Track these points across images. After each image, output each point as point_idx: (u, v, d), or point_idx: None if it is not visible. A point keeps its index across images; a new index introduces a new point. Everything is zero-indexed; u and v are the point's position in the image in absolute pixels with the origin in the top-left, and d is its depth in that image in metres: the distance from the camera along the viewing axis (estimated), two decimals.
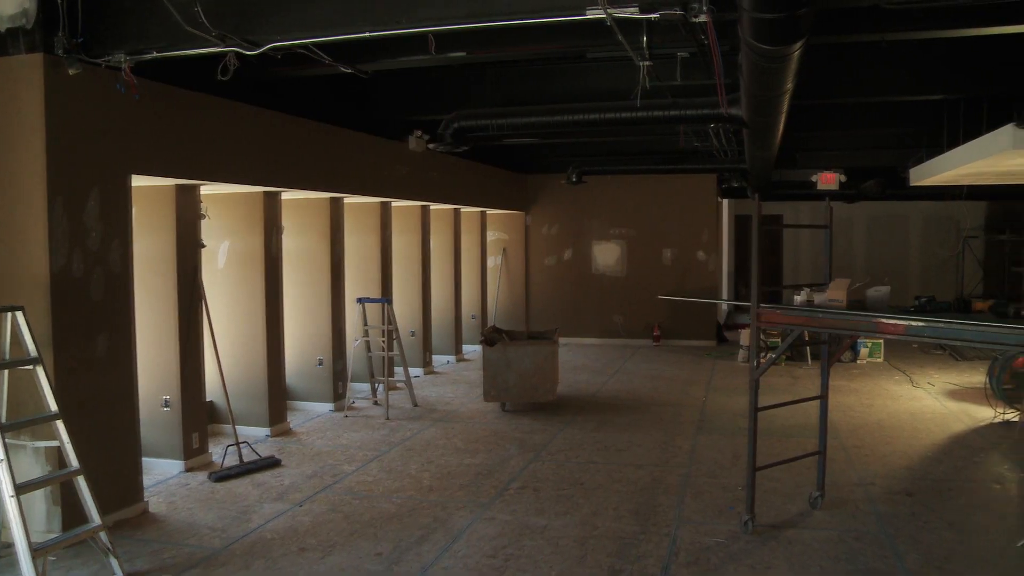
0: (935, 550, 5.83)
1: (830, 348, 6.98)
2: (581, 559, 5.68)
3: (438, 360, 13.94)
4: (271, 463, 7.93)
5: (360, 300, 10.79)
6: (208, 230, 8.36)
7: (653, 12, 5.22)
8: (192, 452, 7.79)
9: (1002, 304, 5.50)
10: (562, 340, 11.88)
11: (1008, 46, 7.66)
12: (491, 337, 10.43)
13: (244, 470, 7.68)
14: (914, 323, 5.42)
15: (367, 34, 5.45)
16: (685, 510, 6.66)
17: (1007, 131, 7.64)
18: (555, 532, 6.16)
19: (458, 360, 14.39)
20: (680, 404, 10.82)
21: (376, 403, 10.72)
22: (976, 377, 11.81)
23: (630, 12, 5.14)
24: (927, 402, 10.85)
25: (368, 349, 10.95)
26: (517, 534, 6.13)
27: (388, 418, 9.91)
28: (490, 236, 16.75)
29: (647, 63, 6.73)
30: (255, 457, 7.95)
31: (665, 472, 7.74)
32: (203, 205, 8.05)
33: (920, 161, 11.93)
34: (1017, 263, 16.11)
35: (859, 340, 13.57)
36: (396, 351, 10.88)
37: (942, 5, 5.83)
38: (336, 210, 10.33)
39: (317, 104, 9.31)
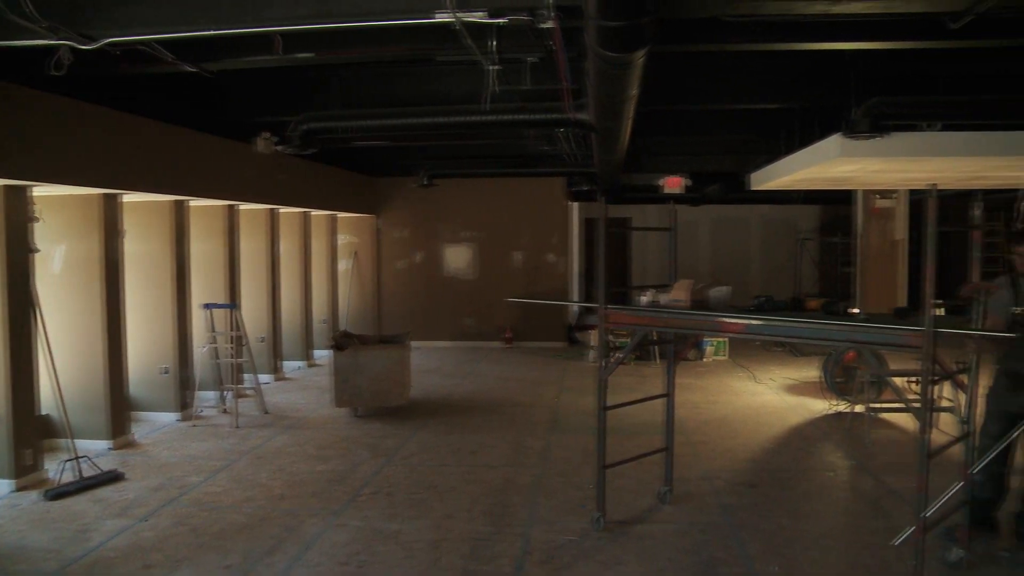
0: (775, 537, 6.09)
1: (675, 347, 7.19)
2: (435, 562, 5.67)
3: (289, 366, 13.67)
4: (113, 477, 7.60)
5: (206, 306, 10.48)
6: (42, 234, 7.95)
7: (501, 17, 5.27)
8: (24, 470, 7.38)
9: (832, 303, 5.81)
10: (414, 343, 11.82)
11: (837, 60, 8.08)
12: (341, 341, 10.31)
13: (83, 486, 7.33)
14: (752, 322, 5.65)
15: (210, 32, 5.30)
16: (538, 509, 6.74)
17: (835, 140, 8.05)
18: (408, 536, 6.14)
19: (309, 365, 14.15)
20: (532, 405, 10.95)
21: (225, 411, 10.41)
22: (812, 372, 12.40)
23: (478, 16, 5.18)
24: (768, 397, 11.33)
25: (216, 356, 10.64)
26: (370, 540, 6.07)
27: (237, 426, 9.65)
28: (341, 240, 16.54)
29: (496, 67, 6.79)
30: (95, 472, 7.60)
31: (518, 472, 7.81)
32: (36, 207, 7.65)
33: (760, 167, 12.44)
34: (847, 264, 16.99)
35: (705, 339, 14.03)
36: (245, 357, 10.63)
37: (776, 20, 6.10)
38: (181, 213, 9.99)
39: (162, 104, 8.98)
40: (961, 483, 5.58)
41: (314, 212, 14.57)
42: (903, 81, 8.39)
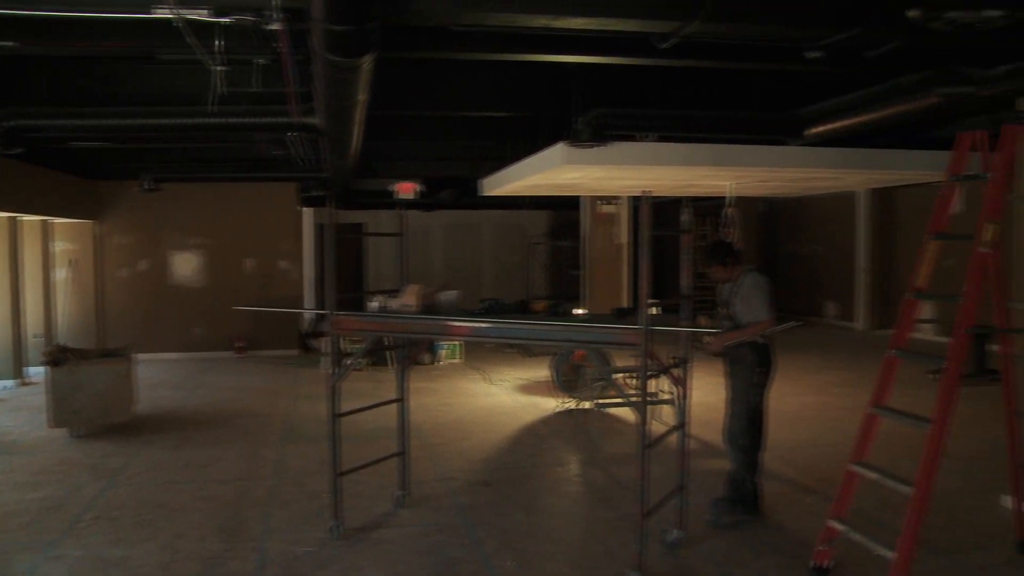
0: (510, 533, 6.27)
1: (408, 351, 7.25)
2: None
3: None
4: None
5: None
6: None
7: (225, 16, 5.13)
8: None
9: (556, 304, 6.08)
10: (140, 356, 11.21)
11: (562, 73, 8.43)
12: (58, 356, 9.61)
13: None
14: (480, 324, 5.81)
15: None
16: (273, 522, 6.58)
17: (560, 148, 8.42)
18: (135, 561, 5.80)
19: (22, 384, 13.04)
20: (266, 415, 10.67)
21: None
22: (543, 371, 12.81)
23: (201, 14, 5.01)
24: (501, 397, 11.64)
25: None
26: (92, 570, 5.68)
27: None
28: (57, 247, 15.40)
29: (222, 68, 6.57)
30: None
31: (251, 485, 7.59)
32: None
33: (490, 173, 12.77)
34: (576, 267, 17.81)
35: (439, 342, 14.21)
36: None
37: (502, 31, 6.29)
38: None
39: None
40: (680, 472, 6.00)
41: (25, 217, 13.48)
42: (623, 94, 8.88)
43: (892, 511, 5.84)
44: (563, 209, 19.83)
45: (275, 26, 5.22)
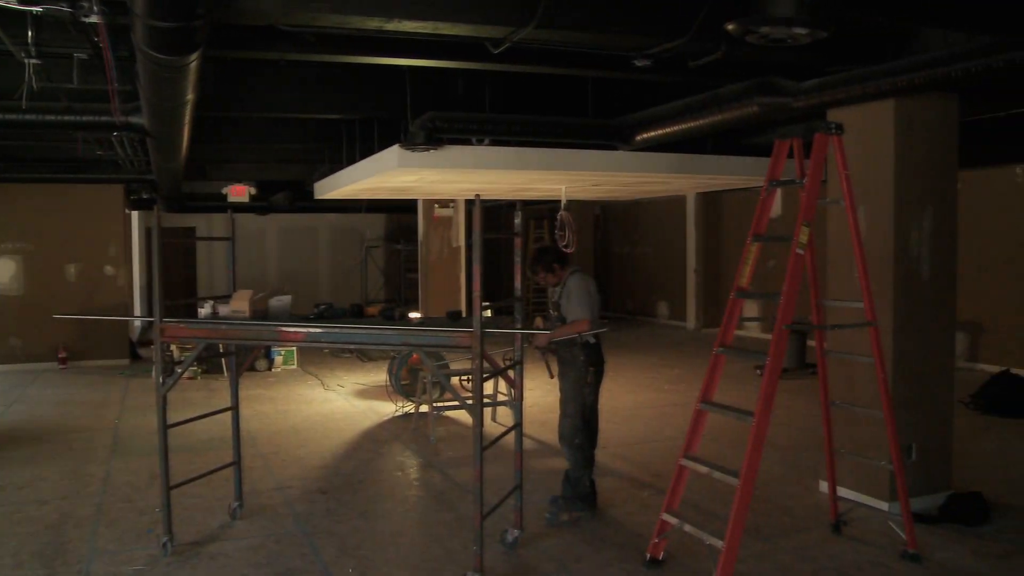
0: (349, 539, 6.21)
1: (238, 359, 7.06)
2: None
3: None
4: None
5: None
6: None
7: (35, 6, 4.87)
8: None
9: (390, 309, 6.06)
10: None
11: (396, 75, 8.42)
12: None
13: None
14: (313, 330, 5.73)
15: None
16: (99, 541, 6.27)
17: (394, 151, 8.41)
18: None
19: None
20: (92, 428, 10.16)
21: None
22: (380, 376, 12.74)
23: (6, 1, 4.75)
24: (338, 403, 11.49)
25: None
26: None
27: None
28: None
29: (34, 61, 6.24)
30: None
31: (75, 504, 7.20)
32: None
33: (323, 176, 12.61)
34: (411, 270, 17.79)
35: (273, 349, 13.91)
36: None
37: (334, 33, 6.22)
38: None
39: None
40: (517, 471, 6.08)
41: None
42: (460, 98, 8.93)
43: (721, 501, 6.10)
44: (400, 212, 19.77)
45: (93, 19, 5.00)
